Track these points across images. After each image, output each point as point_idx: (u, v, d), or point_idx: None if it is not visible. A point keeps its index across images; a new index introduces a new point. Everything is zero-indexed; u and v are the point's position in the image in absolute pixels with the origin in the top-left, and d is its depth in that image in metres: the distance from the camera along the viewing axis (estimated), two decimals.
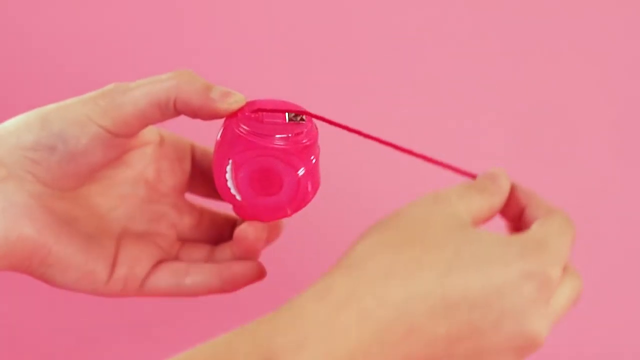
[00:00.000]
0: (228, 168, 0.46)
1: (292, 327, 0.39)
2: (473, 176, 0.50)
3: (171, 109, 0.46)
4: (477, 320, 0.41)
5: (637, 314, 0.79)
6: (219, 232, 0.54)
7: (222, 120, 0.47)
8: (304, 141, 0.46)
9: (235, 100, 0.46)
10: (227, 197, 0.47)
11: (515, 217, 0.50)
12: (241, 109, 0.46)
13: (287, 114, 0.46)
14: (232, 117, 0.46)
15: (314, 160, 0.46)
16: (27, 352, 0.74)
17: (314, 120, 0.47)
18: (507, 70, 0.86)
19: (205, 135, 0.54)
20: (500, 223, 0.51)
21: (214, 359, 0.39)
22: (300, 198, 0.47)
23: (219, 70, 0.77)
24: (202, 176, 0.53)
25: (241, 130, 0.45)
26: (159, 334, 0.75)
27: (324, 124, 0.47)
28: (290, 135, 0.46)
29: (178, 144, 0.52)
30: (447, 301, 0.41)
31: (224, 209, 0.54)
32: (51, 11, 0.82)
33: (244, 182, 0.46)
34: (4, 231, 0.44)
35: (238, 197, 0.47)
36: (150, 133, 0.51)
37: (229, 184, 0.47)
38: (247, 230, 0.49)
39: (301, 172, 0.46)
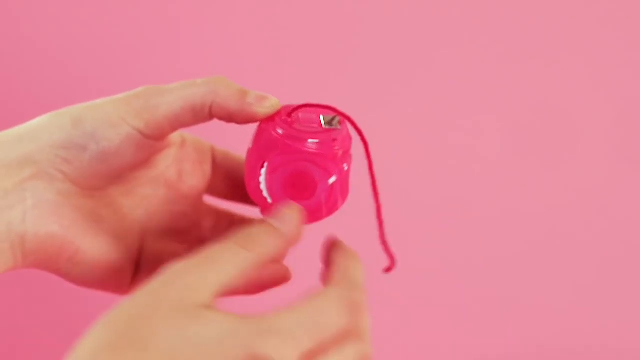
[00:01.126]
0: (262, 170, 0.46)
1: None
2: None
3: (206, 114, 0.46)
4: None
5: (637, 314, 0.80)
6: None
7: (253, 125, 0.47)
8: (336, 148, 0.46)
9: (272, 104, 0.46)
10: (258, 199, 0.47)
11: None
12: (277, 113, 0.46)
13: (322, 119, 0.46)
14: (268, 120, 0.46)
15: (346, 168, 0.46)
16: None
17: (349, 127, 0.47)
18: (507, 70, 0.86)
19: (215, 141, 0.54)
20: None
21: None
22: (330, 204, 0.47)
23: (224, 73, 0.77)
24: (221, 178, 0.53)
25: (277, 133, 0.45)
26: None
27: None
28: (325, 140, 0.45)
29: (199, 146, 0.52)
30: None
31: (242, 211, 0.53)
32: (51, 11, 0.81)
33: (278, 185, 0.46)
34: (34, 227, 0.44)
35: (269, 200, 0.47)
36: (173, 135, 0.51)
37: (262, 186, 0.46)
38: None
39: (333, 179, 0.46)
